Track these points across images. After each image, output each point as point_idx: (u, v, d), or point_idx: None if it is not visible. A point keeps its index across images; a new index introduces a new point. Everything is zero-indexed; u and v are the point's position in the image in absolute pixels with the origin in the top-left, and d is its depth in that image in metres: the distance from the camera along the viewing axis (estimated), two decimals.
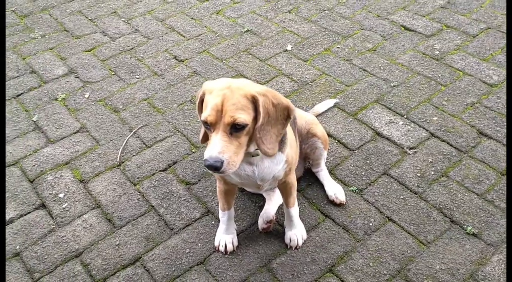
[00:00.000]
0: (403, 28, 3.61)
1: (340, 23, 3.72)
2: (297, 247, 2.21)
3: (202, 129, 1.82)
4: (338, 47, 3.47)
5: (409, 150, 2.65)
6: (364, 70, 3.24)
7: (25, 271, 2.19)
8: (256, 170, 1.83)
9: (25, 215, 2.43)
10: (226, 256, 2.20)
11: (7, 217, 2.41)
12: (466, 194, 2.39)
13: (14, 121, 2.98)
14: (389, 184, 2.47)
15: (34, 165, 2.69)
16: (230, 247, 2.21)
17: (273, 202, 2.34)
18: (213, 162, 1.54)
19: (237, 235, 2.27)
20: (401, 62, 3.28)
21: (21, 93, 3.20)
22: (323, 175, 2.48)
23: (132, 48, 3.58)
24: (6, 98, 3.16)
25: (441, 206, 2.34)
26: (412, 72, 3.18)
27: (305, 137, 2.36)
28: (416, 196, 2.41)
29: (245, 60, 3.39)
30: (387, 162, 2.59)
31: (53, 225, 2.38)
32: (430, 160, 2.58)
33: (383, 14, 3.79)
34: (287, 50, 3.47)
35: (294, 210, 2.17)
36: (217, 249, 2.22)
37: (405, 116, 2.86)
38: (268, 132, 1.64)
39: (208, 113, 1.59)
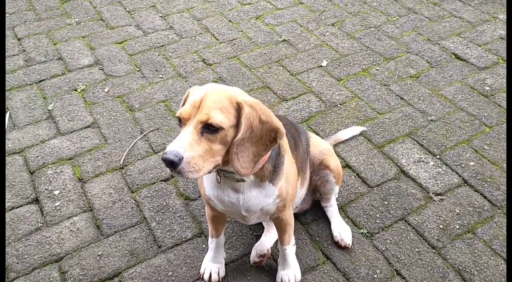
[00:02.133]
0: (453, 56, 3.29)
1: (385, 43, 3.44)
2: None
3: None
4: (377, 69, 3.19)
5: (435, 195, 2.36)
6: (401, 98, 2.95)
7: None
8: (241, 198, 1.63)
9: (16, 207, 2.35)
10: None
11: None
12: (492, 258, 2.08)
13: (30, 107, 2.93)
14: (405, 232, 2.20)
15: (38, 156, 2.61)
16: (215, 278, 2.02)
17: (271, 233, 2.13)
18: (171, 156, 1.32)
19: (226, 264, 2.07)
20: (445, 94, 2.97)
21: (44, 80, 3.15)
22: (332, 211, 2.24)
23: (162, 46, 3.46)
24: (28, 83, 3.12)
25: (460, 267, 2.05)
26: (455, 107, 2.86)
27: (317, 168, 2.14)
28: (434, 251, 2.12)
29: (275, 72, 3.18)
30: (408, 206, 2.31)
31: (41, 223, 2.28)
32: (458, 211, 2.28)
33: (434, 38, 3.47)
34: (321, 66, 3.24)
35: (289, 249, 1.95)
36: (201, 277, 2.04)
37: (438, 156, 2.56)
38: (246, 150, 1.43)
39: (183, 108, 1.41)
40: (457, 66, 3.19)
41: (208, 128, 1.38)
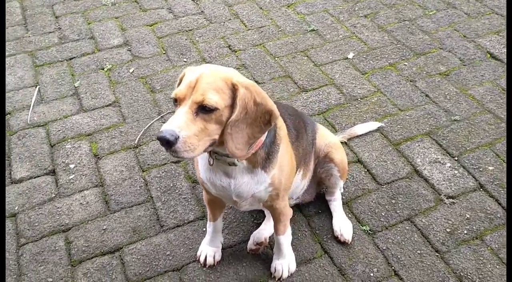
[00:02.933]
0: (488, 55, 3.13)
1: (417, 37, 3.32)
2: (281, 279, 1.99)
3: None
4: (405, 64, 3.09)
5: (446, 198, 2.27)
6: (427, 95, 2.85)
7: (15, 234, 2.21)
8: (233, 183, 1.64)
9: (34, 177, 2.47)
10: (204, 268, 2.05)
11: (18, 176, 2.47)
12: (497, 267, 1.99)
13: (58, 83, 3.05)
14: (409, 233, 2.14)
15: (59, 130, 2.72)
16: (210, 261, 2.05)
17: (271, 222, 2.12)
18: (167, 135, 1.33)
19: (223, 249, 2.10)
20: (473, 94, 2.84)
21: (74, 57, 3.26)
22: (335, 205, 2.21)
23: (190, 30, 3.49)
24: (59, 59, 3.25)
25: (462, 274, 1.97)
26: (482, 109, 2.73)
27: (322, 161, 2.11)
28: (437, 254, 2.05)
29: (299, 62, 3.15)
30: (416, 207, 2.24)
31: (54, 194, 2.38)
32: (468, 215, 2.19)
33: (471, 35, 3.31)
34: (347, 58, 3.17)
35: (284, 238, 1.94)
36: (197, 259, 2.08)
37: (456, 158, 2.46)
38: (241, 131, 1.43)
39: (179, 88, 1.42)
40: (491, 66, 3.04)
41: (203, 109, 1.39)
